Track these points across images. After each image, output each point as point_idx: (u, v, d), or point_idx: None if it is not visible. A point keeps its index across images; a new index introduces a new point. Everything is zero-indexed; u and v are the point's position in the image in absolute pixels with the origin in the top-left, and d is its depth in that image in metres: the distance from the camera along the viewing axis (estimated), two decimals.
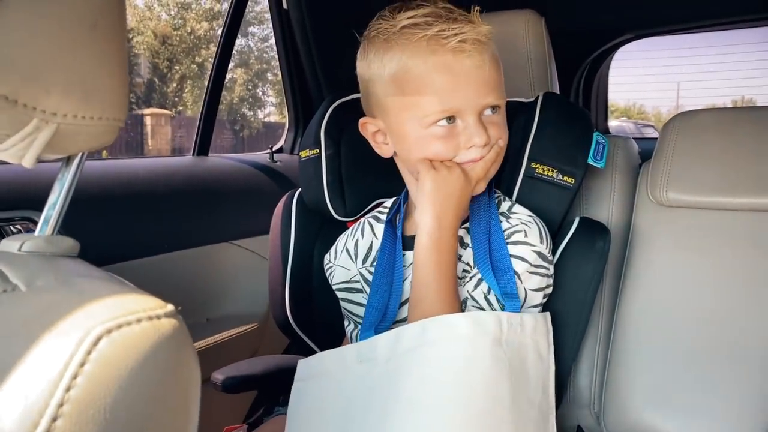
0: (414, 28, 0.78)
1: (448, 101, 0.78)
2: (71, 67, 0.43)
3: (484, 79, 0.79)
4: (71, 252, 0.49)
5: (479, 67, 0.78)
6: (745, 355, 0.94)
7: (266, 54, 12.59)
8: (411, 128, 0.82)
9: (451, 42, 0.76)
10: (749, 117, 1.06)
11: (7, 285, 0.38)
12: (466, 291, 0.84)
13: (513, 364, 0.76)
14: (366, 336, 0.84)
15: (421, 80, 0.78)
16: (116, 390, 0.32)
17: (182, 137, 8.89)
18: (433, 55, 0.77)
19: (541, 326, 0.82)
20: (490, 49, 0.81)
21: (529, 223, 0.84)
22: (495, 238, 0.83)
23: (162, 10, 11.90)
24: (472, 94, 0.78)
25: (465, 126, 0.80)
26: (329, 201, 1.03)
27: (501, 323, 0.75)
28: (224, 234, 1.54)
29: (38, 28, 0.40)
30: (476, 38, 0.77)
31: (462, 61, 0.77)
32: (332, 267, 1.00)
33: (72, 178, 0.51)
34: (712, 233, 1.01)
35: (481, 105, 0.80)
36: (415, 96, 0.79)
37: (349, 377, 0.82)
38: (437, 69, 0.78)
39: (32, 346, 0.33)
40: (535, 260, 0.82)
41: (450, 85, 0.78)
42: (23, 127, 0.42)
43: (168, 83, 11.89)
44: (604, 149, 0.95)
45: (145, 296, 0.38)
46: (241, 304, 1.53)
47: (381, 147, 0.90)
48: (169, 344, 0.36)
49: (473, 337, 0.74)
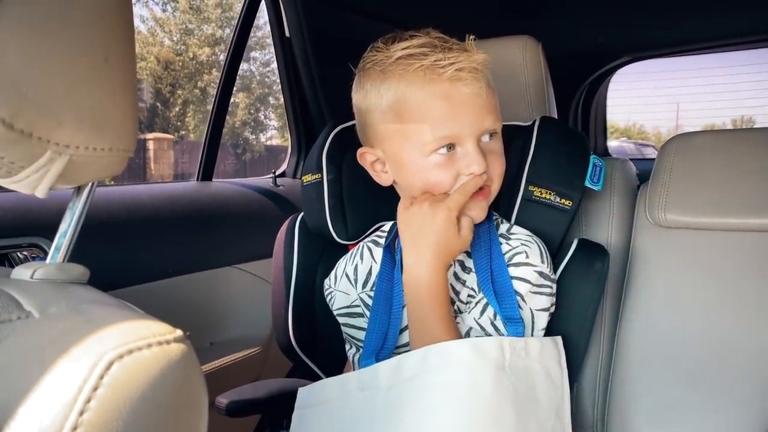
0: (410, 58, 0.79)
1: (447, 128, 0.79)
2: (84, 100, 0.44)
3: (481, 106, 0.80)
4: (81, 279, 0.50)
5: (476, 95, 0.79)
6: (746, 374, 0.94)
7: (268, 78, 12.71)
8: (410, 157, 0.83)
9: (448, 71, 0.77)
10: (746, 138, 1.07)
11: (22, 312, 0.40)
12: (473, 318, 0.83)
13: (518, 390, 0.75)
14: (367, 363, 0.84)
15: (419, 109, 0.80)
16: (128, 413, 0.34)
17: (185, 163, 8.94)
18: (430, 84, 0.78)
19: (550, 349, 0.82)
20: (486, 76, 0.82)
21: (530, 243, 0.85)
22: (496, 262, 0.83)
23: (165, 36, 12.05)
24: (470, 120, 0.79)
25: (464, 153, 0.81)
26: (331, 225, 1.04)
27: (503, 348, 0.76)
28: (228, 258, 1.55)
29: (53, 63, 0.42)
30: (472, 66, 0.79)
31: (459, 89, 0.78)
32: (332, 292, 1.00)
33: (83, 207, 0.52)
34: (710, 254, 1.02)
35: (479, 131, 0.81)
36: (414, 124, 0.80)
37: (350, 405, 0.82)
38: (435, 97, 0.79)
39: (47, 371, 0.34)
40: (537, 280, 0.83)
41: (448, 113, 0.79)
42: (37, 159, 0.43)
43: (170, 108, 11.99)
44: (601, 171, 0.96)
45: (155, 322, 0.39)
46: (245, 328, 1.53)
47: (380, 176, 0.91)
48: (178, 368, 0.37)
49: (474, 362, 0.74)
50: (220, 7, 12.05)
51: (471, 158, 0.80)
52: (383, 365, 0.80)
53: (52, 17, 0.41)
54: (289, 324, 1.06)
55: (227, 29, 11.87)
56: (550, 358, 0.81)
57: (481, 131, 0.81)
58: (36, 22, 0.40)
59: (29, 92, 0.41)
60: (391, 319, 0.87)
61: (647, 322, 1.03)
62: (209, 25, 12.08)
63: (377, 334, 0.87)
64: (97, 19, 0.45)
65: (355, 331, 0.96)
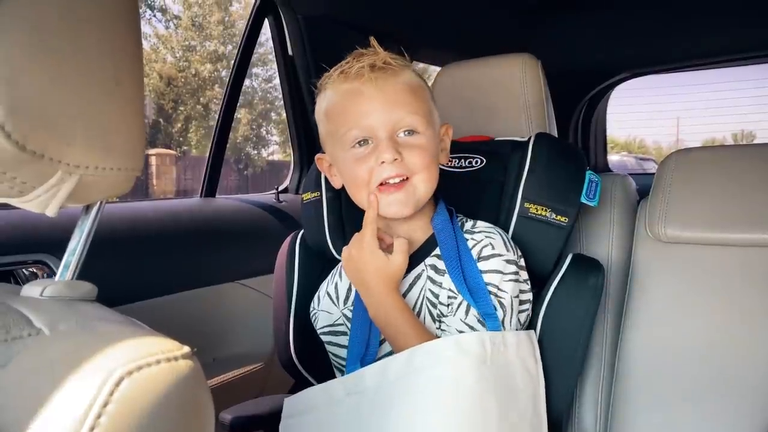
0: (338, 68, 0.88)
1: (358, 122, 0.84)
2: (95, 121, 0.45)
3: (391, 101, 0.84)
4: (89, 296, 0.51)
5: (382, 90, 0.84)
6: (747, 389, 0.94)
7: (269, 94, 12.79)
8: (339, 154, 0.89)
9: (353, 68, 0.84)
10: (745, 154, 1.09)
11: (32, 329, 0.40)
12: (459, 320, 0.85)
13: (499, 382, 0.79)
14: (352, 369, 0.86)
15: (338, 108, 0.87)
16: (138, 429, 0.34)
17: (187, 180, 8.97)
18: (343, 84, 0.86)
19: (525, 343, 0.85)
20: (402, 76, 0.86)
21: (493, 235, 0.89)
22: (465, 261, 0.86)
23: (167, 52, 12.14)
24: (378, 114, 0.84)
25: (376, 145, 0.84)
26: (331, 242, 1.05)
27: (484, 343, 0.79)
28: (231, 274, 1.55)
29: (66, 86, 0.43)
30: (375, 65, 0.84)
31: (366, 84, 0.84)
32: (316, 313, 1.02)
33: (91, 225, 0.53)
34: (711, 268, 1.03)
35: (388, 124, 0.84)
36: (337, 124, 0.87)
37: (337, 411, 0.84)
38: (346, 95, 0.86)
39: (57, 388, 0.35)
40: (505, 267, 0.86)
41: (359, 108, 0.85)
42: (48, 179, 0.44)
43: (173, 123, 12.05)
44: (597, 187, 0.97)
45: (163, 338, 0.40)
46: (247, 344, 1.53)
47: (333, 179, 0.96)
48: (186, 384, 0.38)
49: (458, 359, 0.77)
50: (222, 24, 12.16)
51: (381, 148, 0.83)
52: (369, 369, 0.82)
53: (65, 41, 0.43)
54: (290, 340, 1.06)
55: (229, 45, 11.96)
56: (526, 352, 0.85)
57: (390, 124, 0.84)
58: (50, 46, 0.41)
59: (43, 115, 0.42)
60: (372, 329, 0.89)
61: (648, 337, 1.03)
62: (211, 42, 12.18)
63: (360, 341, 0.89)
64: (107, 42, 0.46)
65: (338, 350, 0.97)
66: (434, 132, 0.89)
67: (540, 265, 0.96)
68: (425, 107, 0.87)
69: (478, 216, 0.97)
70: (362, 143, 0.85)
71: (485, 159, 1.07)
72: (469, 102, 1.18)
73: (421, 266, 0.91)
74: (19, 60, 0.39)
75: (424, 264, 0.90)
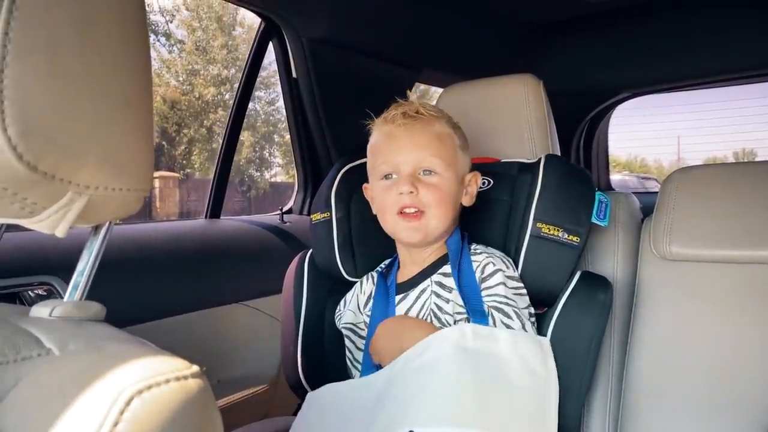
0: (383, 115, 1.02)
1: (388, 159, 0.98)
2: (105, 142, 0.46)
3: (417, 145, 0.96)
4: (98, 316, 0.51)
5: (411, 135, 0.97)
6: (753, 405, 0.94)
7: (272, 117, 12.87)
8: (373, 183, 1.02)
9: (390, 115, 1.00)
10: (747, 171, 1.09)
11: (42, 349, 0.40)
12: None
13: (481, 365, 0.83)
14: (368, 373, 0.93)
15: (377, 146, 1.02)
16: None
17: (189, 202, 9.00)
18: (383, 126, 1.01)
19: (529, 345, 0.88)
20: (432, 125, 0.98)
21: (493, 255, 0.97)
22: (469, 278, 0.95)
23: (171, 76, 12.25)
24: (404, 155, 0.97)
25: (399, 178, 0.97)
26: (340, 263, 1.05)
27: (464, 333, 0.86)
28: (235, 295, 1.55)
29: (77, 107, 0.44)
30: (406, 113, 0.98)
31: (398, 129, 0.98)
32: (342, 311, 1.08)
33: (100, 246, 0.53)
34: (715, 286, 1.03)
35: (411, 163, 0.96)
36: (374, 158, 1.01)
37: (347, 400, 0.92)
38: (384, 136, 1.00)
39: (68, 407, 0.35)
40: (509, 282, 0.94)
41: (389, 148, 0.99)
42: (59, 200, 0.45)
43: (176, 146, 12.12)
44: (606, 208, 0.98)
45: (172, 357, 0.40)
46: (252, 366, 1.53)
47: (372, 206, 1.05)
48: (196, 403, 0.38)
49: (439, 343, 0.86)
50: (226, 48, 12.28)
51: (401, 181, 0.96)
52: (382, 371, 0.90)
53: (77, 62, 0.43)
54: (299, 360, 1.06)
55: (233, 69, 12.08)
56: (531, 353, 0.87)
57: (413, 163, 0.96)
58: (63, 68, 0.42)
59: (55, 136, 0.42)
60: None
61: (655, 354, 1.03)
62: (215, 66, 12.30)
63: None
64: (118, 64, 0.46)
65: (355, 351, 1.03)
66: (455, 175, 0.98)
67: (552, 285, 0.96)
68: (448, 153, 0.98)
69: (486, 235, 1.03)
70: (389, 176, 0.98)
71: (492, 180, 1.09)
72: (472, 122, 1.18)
73: (427, 281, 0.98)
74: (32, 83, 0.40)
75: (430, 280, 0.98)
